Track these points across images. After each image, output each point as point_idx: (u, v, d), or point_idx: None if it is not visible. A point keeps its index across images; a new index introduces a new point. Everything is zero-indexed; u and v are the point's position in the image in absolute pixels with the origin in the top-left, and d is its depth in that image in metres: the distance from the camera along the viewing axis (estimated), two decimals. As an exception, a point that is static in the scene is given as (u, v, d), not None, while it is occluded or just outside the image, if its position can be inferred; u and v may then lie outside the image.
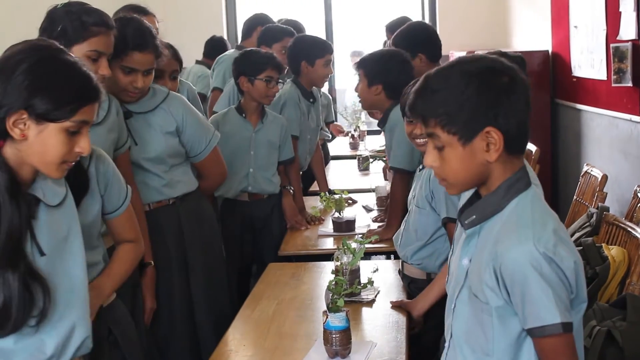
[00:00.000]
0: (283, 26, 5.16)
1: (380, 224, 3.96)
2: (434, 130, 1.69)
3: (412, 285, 3.03)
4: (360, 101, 3.92)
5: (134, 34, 2.89)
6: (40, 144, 1.80)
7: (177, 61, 3.56)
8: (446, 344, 1.85)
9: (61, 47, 1.89)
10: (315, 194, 4.71)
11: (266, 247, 4.02)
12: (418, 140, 2.93)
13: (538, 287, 1.59)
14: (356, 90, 3.82)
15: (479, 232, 1.74)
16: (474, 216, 1.74)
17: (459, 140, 1.67)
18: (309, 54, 4.44)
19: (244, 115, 4.02)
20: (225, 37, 7.62)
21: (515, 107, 1.67)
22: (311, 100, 4.58)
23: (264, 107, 4.08)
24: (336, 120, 7.06)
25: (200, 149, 3.23)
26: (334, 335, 2.42)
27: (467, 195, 1.93)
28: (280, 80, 4.04)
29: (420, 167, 3.01)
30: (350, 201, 4.45)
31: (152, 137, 3.06)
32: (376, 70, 3.69)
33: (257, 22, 5.52)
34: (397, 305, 2.85)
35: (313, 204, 4.33)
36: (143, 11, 4.00)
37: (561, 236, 1.66)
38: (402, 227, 3.11)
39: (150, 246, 2.93)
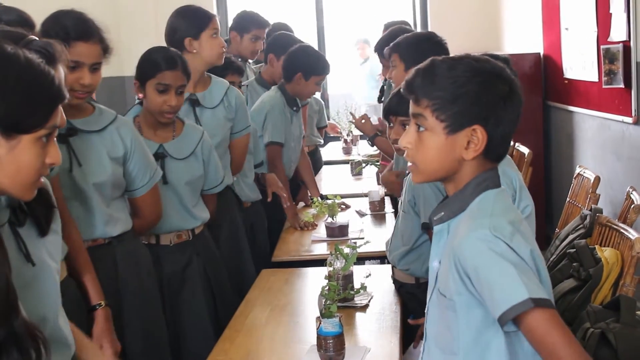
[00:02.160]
0: (255, 16, 5.08)
1: None
2: (423, 111, 1.69)
3: (402, 290, 3.03)
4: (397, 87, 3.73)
5: (75, 23, 2.59)
6: (13, 162, 1.51)
7: (185, 75, 3.14)
8: (422, 348, 1.84)
9: (8, 42, 1.60)
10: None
11: (253, 257, 3.98)
12: (397, 145, 2.93)
13: (501, 268, 1.56)
14: (389, 77, 3.60)
15: (447, 230, 1.74)
16: (442, 213, 1.75)
17: (445, 129, 1.67)
18: (308, 68, 4.39)
19: None
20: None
21: (507, 117, 1.68)
22: (295, 108, 4.54)
23: None
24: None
25: (142, 182, 2.83)
26: (327, 341, 2.42)
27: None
28: (242, 84, 3.98)
29: (407, 171, 3.00)
30: (343, 206, 4.44)
31: (98, 160, 2.66)
32: (413, 53, 3.42)
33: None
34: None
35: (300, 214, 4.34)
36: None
37: (519, 229, 1.64)
38: (392, 232, 3.11)
39: (99, 284, 2.51)
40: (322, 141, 6.23)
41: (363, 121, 4.51)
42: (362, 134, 6.96)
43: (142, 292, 2.81)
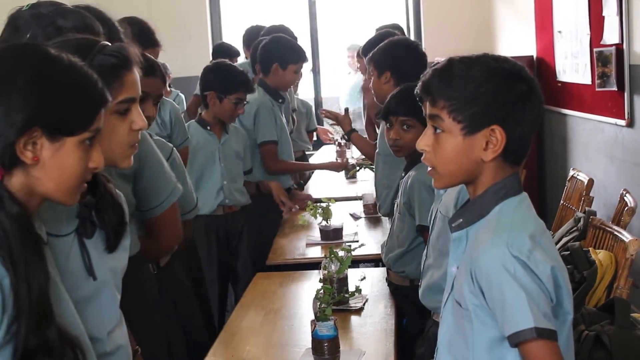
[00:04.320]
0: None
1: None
2: (439, 112, 1.66)
3: (396, 292, 3.03)
4: (375, 97, 3.76)
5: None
6: (57, 165, 1.47)
7: (163, 82, 2.83)
8: (435, 354, 1.83)
9: (50, 45, 1.55)
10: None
11: (242, 261, 3.96)
12: (396, 147, 2.93)
13: (512, 291, 1.55)
14: (372, 87, 3.65)
15: (467, 236, 1.72)
16: (461, 219, 1.72)
17: (462, 130, 1.64)
18: (283, 57, 4.37)
19: (208, 127, 3.92)
20: (210, 42, 7.60)
21: (526, 117, 1.65)
22: (280, 100, 4.51)
23: None
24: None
25: (156, 201, 2.50)
26: (322, 344, 2.42)
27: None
28: (246, 102, 3.96)
29: (403, 173, 3.01)
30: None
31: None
32: (383, 59, 3.54)
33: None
34: None
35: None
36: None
37: (540, 242, 1.61)
38: (387, 234, 3.11)
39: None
40: (310, 147, 6.17)
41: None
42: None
43: (146, 329, 2.36)
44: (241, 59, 5.99)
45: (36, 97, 1.44)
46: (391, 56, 3.53)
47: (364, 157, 5.95)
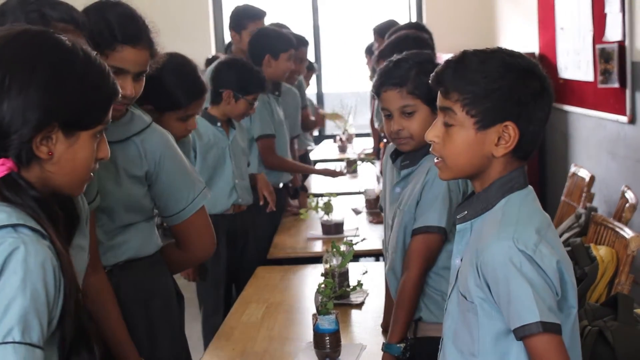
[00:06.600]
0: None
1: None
2: (452, 105, 1.66)
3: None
4: None
5: (122, 22, 2.14)
6: (70, 159, 1.47)
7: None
8: (440, 346, 1.83)
9: (60, 34, 1.51)
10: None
11: (249, 260, 3.93)
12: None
13: (518, 285, 1.55)
14: None
15: (471, 229, 1.72)
16: (466, 212, 1.72)
17: (475, 124, 1.64)
18: (274, 47, 4.33)
19: (218, 124, 3.74)
20: (213, 41, 7.60)
21: (537, 114, 1.66)
22: (277, 93, 4.46)
23: None
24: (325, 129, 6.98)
25: (178, 207, 2.28)
26: (324, 338, 2.41)
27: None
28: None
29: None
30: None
31: (109, 178, 2.14)
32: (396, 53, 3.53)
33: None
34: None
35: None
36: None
37: (545, 236, 1.62)
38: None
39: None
40: (312, 144, 6.13)
41: None
42: (357, 132, 7.00)
43: (149, 334, 2.24)
44: None
45: (55, 94, 1.42)
46: (401, 52, 3.49)
47: (366, 152, 5.99)
